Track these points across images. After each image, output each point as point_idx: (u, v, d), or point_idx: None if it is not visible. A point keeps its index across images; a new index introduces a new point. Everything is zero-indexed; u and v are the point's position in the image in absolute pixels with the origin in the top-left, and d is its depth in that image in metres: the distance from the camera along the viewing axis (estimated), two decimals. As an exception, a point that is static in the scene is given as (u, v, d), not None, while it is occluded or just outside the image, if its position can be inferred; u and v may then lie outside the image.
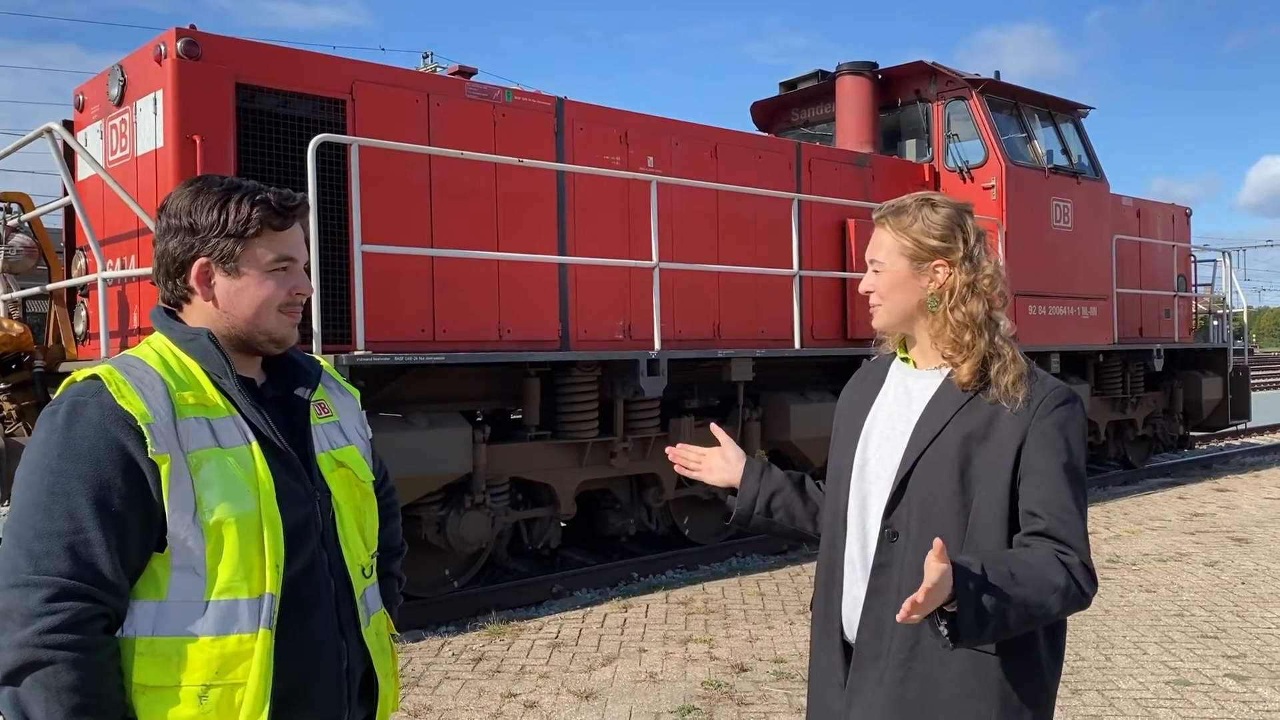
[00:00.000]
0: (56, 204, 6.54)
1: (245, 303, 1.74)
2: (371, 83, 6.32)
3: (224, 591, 1.61)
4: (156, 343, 1.74)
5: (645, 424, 7.38)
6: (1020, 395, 1.88)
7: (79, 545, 1.54)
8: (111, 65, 6.16)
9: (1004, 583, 1.72)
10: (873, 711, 1.89)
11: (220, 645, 1.60)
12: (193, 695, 1.59)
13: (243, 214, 1.71)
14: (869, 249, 2.05)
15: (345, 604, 1.78)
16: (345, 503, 1.82)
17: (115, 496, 1.56)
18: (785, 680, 4.96)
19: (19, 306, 6.85)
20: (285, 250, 1.76)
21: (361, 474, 1.88)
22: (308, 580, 1.70)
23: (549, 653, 5.49)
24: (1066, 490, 1.83)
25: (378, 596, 1.92)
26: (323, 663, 1.72)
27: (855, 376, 2.22)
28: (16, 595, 1.52)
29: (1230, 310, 13.75)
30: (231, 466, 1.64)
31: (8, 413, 6.32)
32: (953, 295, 1.94)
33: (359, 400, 2.02)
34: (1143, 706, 4.56)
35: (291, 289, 1.78)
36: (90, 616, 1.54)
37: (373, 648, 1.83)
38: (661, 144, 7.75)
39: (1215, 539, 8.25)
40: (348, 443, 1.89)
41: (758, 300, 8.22)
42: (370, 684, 1.84)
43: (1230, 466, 13.10)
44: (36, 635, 1.50)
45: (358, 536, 1.84)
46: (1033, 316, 9.77)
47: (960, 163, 9.81)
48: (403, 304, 6.30)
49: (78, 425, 1.58)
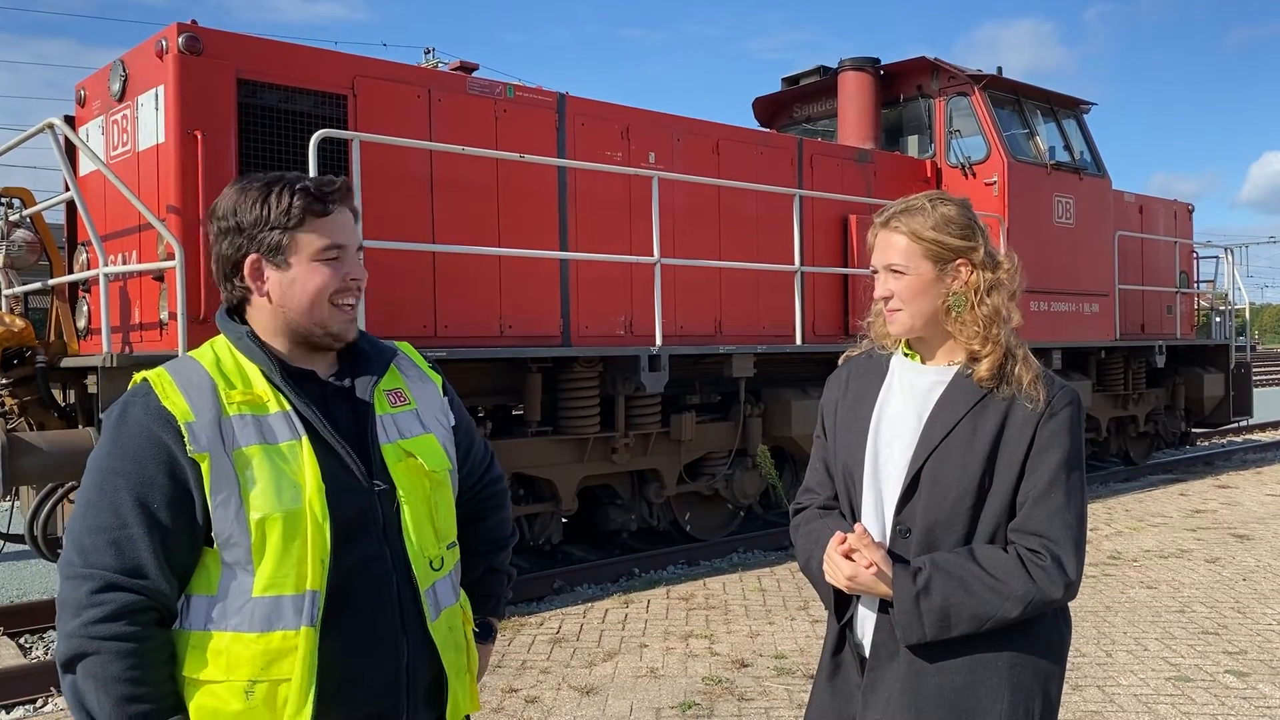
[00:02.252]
0: (58, 199, 6.54)
1: (299, 294, 1.72)
2: (373, 78, 6.32)
3: (268, 588, 1.61)
4: (218, 343, 1.76)
5: (647, 419, 7.39)
6: (1041, 395, 1.90)
7: (123, 540, 1.58)
8: (113, 60, 6.17)
9: (949, 590, 1.84)
10: (890, 706, 1.92)
11: (265, 641, 1.61)
12: (239, 690, 1.60)
13: (284, 204, 1.70)
14: (882, 253, 1.99)
15: (409, 598, 1.73)
16: (411, 494, 1.77)
17: (157, 494, 1.59)
18: (786, 676, 4.96)
19: (21, 302, 6.86)
20: (333, 237, 1.73)
21: (432, 462, 1.81)
22: (363, 575, 1.68)
23: (550, 648, 5.50)
24: (1062, 488, 1.87)
25: (452, 590, 1.85)
26: (376, 659, 1.69)
27: (838, 374, 2.18)
28: (70, 587, 1.59)
29: (1232, 307, 13.74)
30: (279, 463, 1.64)
31: (9, 408, 6.32)
32: (978, 293, 1.94)
33: (441, 387, 1.96)
34: (1143, 703, 4.56)
35: (345, 275, 1.75)
36: (138, 609, 1.57)
37: (441, 643, 1.77)
38: (663, 140, 7.75)
39: (1217, 535, 8.25)
40: (424, 431, 1.84)
41: (759, 296, 8.22)
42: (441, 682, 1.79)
43: (1232, 463, 13.09)
44: (83, 626, 1.56)
45: (426, 528, 1.79)
46: (1035, 312, 9.76)
47: (962, 158, 9.80)
48: (404, 299, 6.31)
49: (126, 425, 1.63)
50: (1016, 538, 1.89)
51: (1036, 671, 1.91)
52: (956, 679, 1.89)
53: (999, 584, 1.84)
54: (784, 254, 8.04)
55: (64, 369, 6.27)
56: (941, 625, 1.84)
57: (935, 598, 1.84)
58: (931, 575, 1.85)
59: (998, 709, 1.87)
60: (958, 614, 1.84)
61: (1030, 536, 1.87)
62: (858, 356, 2.16)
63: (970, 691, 1.88)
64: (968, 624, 1.84)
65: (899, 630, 1.88)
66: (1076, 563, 1.86)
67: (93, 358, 5.69)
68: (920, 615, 1.84)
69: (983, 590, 1.84)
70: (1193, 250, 13.50)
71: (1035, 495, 1.87)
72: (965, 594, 1.84)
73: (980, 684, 1.88)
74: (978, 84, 9.71)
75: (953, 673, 1.89)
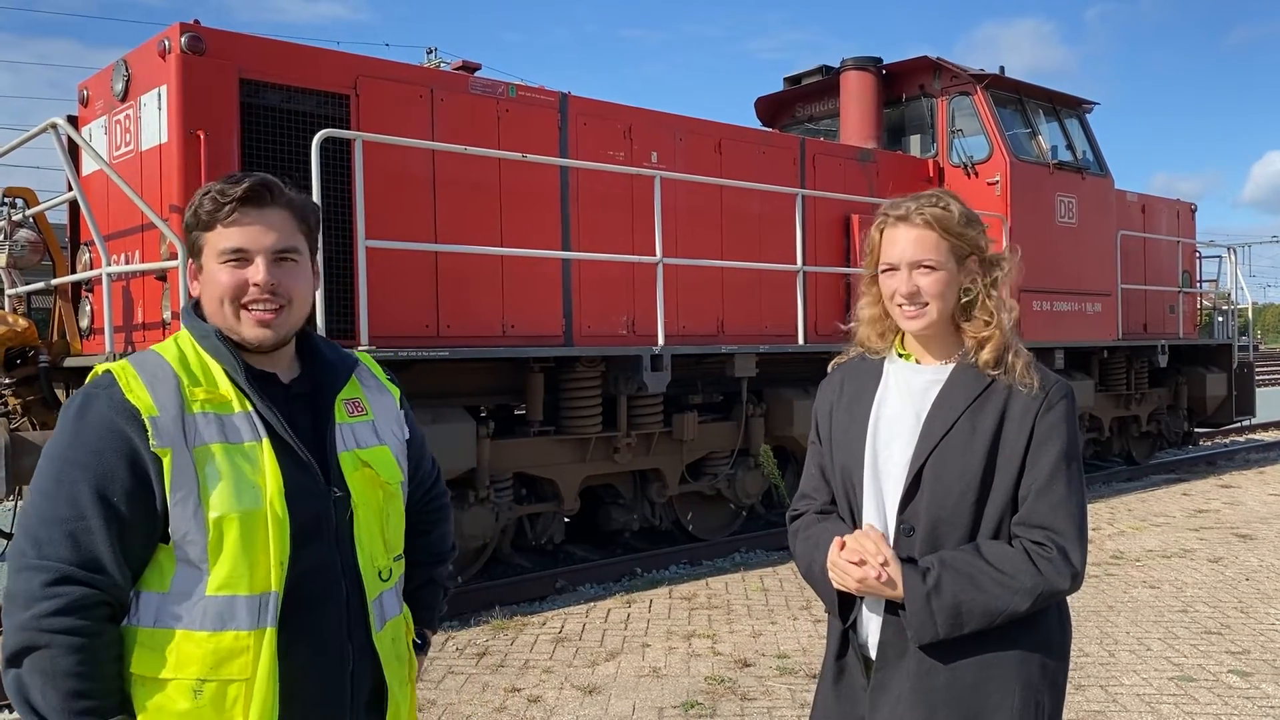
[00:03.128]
0: (61, 199, 6.55)
1: (207, 298, 1.73)
2: (376, 78, 6.32)
3: (222, 587, 1.60)
4: (182, 339, 1.75)
5: (649, 419, 7.39)
6: (1035, 381, 1.94)
7: (80, 532, 1.56)
8: (116, 60, 6.17)
9: (959, 587, 1.85)
10: (900, 705, 1.93)
11: (216, 641, 1.60)
12: (187, 689, 1.59)
13: (194, 207, 1.72)
14: (904, 249, 1.96)
15: (356, 606, 1.75)
16: (365, 503, 1.78)
17: (117, 486, 1.58)
18: (788, 675, 4.96)
19: (24, 301, 6.87)
20: (234, 241, 1.69)
21: (386, 474, 1.83)
22: (315, 580, 1.69)
23: (552, 647, 5.50)
24: (1063, 480, 1.90)
25: (396, 601, 1.88)
26: (324, 665, 1.70)
27: (831, 379, 2.18)
28: (21, 579, 1.56)
29: (1235, 306, 13.73)
30: (239, 462, 1.63)
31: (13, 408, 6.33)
32: (987, 286, 2.00)
33: (399, 399, 1.96)
34: (1146, 702, 4.56)
35: (241, 280, 1.69)
36: (91, 603, 1.55)
37: (384, 653, 1.79)
38: (665, 139, 7.75)
39: (1219, 535, 8.24)
40: (379, 443, 1.85)
41: (761, 296, 8.21)
42: (382, 692, 1.80)
43: (1235, 463, 13.07)
44: (34, 619, 1.53)
45: (377, 538, 1.80)
46: (1037, 312, 9.75)
47: (965, 158, 9.79)
48: (407, 299, 6.31)
49: (87, 417, 1.61)
50: (1021, 531, 1.91)
51: (1044, 667, 1.93)
52: (967, 676, 1.90)
53: (1007, 578, 1.86)
54: (786, 254, 8.04)
55: (67, 369, 6.28)
56: (954, 623, 1.86)
57: (946, 596, 1.85)
58: (941, 574, 1.86)
59: (1009, 704, 1.89)
60: (969, 610, 1.85)
61: (1035, 529, 1.89)
62: (849, 361, 2.17)
63: (980, 689, 1.90)
64: (979, 620, 1.86)
65: (911, 630, 1.89)
66: (1081, 553, 1.90)
67: (96, 357, 5.70)
68: (933, 614, 1.86)
69: (992, 585, 1.85)
70: (1195, 250, 13.49)
71: (1037, 488, 1.90)
72: (975, 590, 1.85)
73: (990, 680, 1.90)
74: (980, 83, 9.70)
75: (963, 670, 1.90)
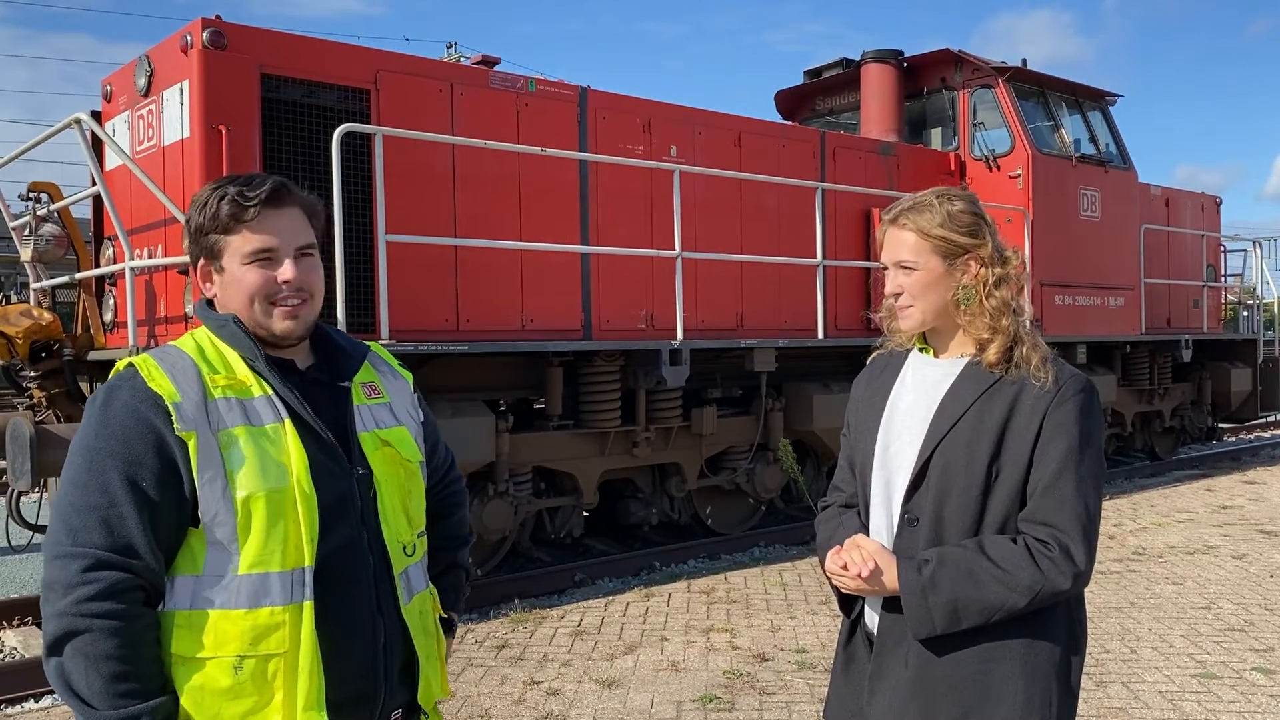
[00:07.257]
0: (85, 194, 6.60)
1: (235, 297, 1.78)
2: (396, 72, 6.34)
3: (254, 565, 1.65)
4: (199, 333, 1.81)
5: (667, 413, 7.39)
6: (1049, 376, 1.92)
7: (113, 518, 1.61)
8: (139, 56, 6.22)
9: (956, 582, 1.84)
10: (897, 694, 1.93)
11: (252, 618, 1.64)
12: (228, 666, 1.64)
13: (211, 210, 1.75)
14: (891, 250, 2.03)
15: (384, 581, 1.79)
16: (387, 480, 1.83)
17: (146, 472, 1.62)
18: (807, 670, 4.96)
19: (48, 295, 6.94)
20: (260, 241, 1.75)
21: (407, 452, 1.89)
22: (343, 556, 1.73)
23: (571, 641, 5.51)
24: (1071, 477, 1.87)
25: (422, 575, 1.93)
26: (357, 639, 1.74)
27: (863, 373, 2.23)
28: (57, 567, 1.60)
29: (1261, 301, 13.58)
30: (263, 443, 1.68)
31: (38, 400, 6.40)
32: (986, 286, 1.98)
33: (412, 383, 2.04)
34: (1168, 699, 4.53)
35: (270, 279, 1.76)
36: (127, 587, 1.60)
37: (414, 626, 1.84)
38: (684, 133, 7.73)
39: (1244, 531, 8.17)
40: (397, 423, 1.91)
41: (781, 290, 8.19)
42: (413, 666, 1.85)
43: (1259, 459, 12.95)
44: (74, 605, 1.57)
45: (400, 515, 1.85)
46: (1059, 306, 9.69)
47: (986, 151, 9.72)
48: (426, 293, 6.33)
49: (112, 407, 1.66)
50: (1025, 528, 1.89)
51: (1052, 657, 1.91)
52: (968, 667, 1.89)
53: (1006, 575, 1.84)
54: (806, 247, 8.01)
55: (91, 362, 6.34)
56: (951, 618, 1.86)
57: (944, 592, 1.85)
58: (937, 568, 1.86)
59: (1012, 692, 1.87)
60: (966, 606, 1.85)
61: (1039, 526, 1.88)
62: (882, 354, 2.20)
63: (982, 679, 1.89)
64: (976, 616, 1.85)
65: (910, 625, 1.89)
66: (1085, 552, 1.86)
67: (119, 351, 5.75)
68: (929, 609, 1.86)
69: (990, 582, 1.84)
70: (1220, 243, 13.35)
71: (1044, 484, 1.88)
72: (974, 586, 1.84)
73: (993, 671, 1.89)
74: (1002, 76, 9.63)
75: (964, 660, 1.89)
